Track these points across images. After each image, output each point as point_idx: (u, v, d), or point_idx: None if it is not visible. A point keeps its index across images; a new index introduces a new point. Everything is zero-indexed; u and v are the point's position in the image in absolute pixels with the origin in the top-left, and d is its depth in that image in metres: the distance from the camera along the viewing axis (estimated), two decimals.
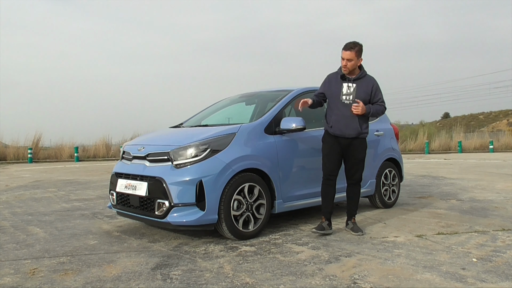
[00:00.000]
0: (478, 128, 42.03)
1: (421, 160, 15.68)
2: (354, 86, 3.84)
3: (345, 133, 3.82)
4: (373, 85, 3.89)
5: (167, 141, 3.94)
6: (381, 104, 3.90)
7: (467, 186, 7.29)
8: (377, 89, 3.91)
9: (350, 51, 3.74)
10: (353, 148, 3.86)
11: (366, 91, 3.84)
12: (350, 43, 3.78)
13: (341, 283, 2.61)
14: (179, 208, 3.50)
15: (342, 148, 3.88)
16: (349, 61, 3.75)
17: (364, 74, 3.91)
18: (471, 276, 2.69)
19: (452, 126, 29.96)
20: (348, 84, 3.86)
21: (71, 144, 18.93)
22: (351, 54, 3.74)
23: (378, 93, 3.91)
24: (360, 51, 3.79)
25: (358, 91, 3.83)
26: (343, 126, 3.81)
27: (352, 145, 3.86)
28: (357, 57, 3.77)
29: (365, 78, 3.89)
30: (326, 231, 3.83)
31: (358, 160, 3.90)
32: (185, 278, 2.74)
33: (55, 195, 6.86)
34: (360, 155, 3.90)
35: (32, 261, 3.18)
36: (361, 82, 3.86)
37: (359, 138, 3.87)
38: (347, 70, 3.80)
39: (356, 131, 3.81)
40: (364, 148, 3.92)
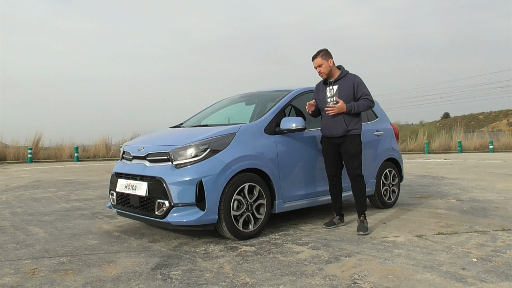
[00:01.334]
0: (478, 128, 42.04)
1: (421, 160, 15.68)
2: (336, 88, 3.98)
3: (333, 133, 3.96)
4: (354, 82, 3.95)
5: (167, 141, 3.94)
6: (365, 98, 3.93)
7: (467, 186, 7.29)
8: (359, 84, 3.96)
9: (316, 59, 3.97)
10: (345, 145, 3.96)
11: (347, 89, 3.93)
12: (314, 53, 4.00)
13: (341, 283, 2.61)
14: (179, 208, 3.50)
15: (336, 147, 4.00)
16: (319, 66, 3.97)
17: (345, 74, 4.01)
18: (471, 276, 2.69)
19: (452, 126, 29.97)
20: (330, 87, 4.02)
21: (71, 144, 18.94)
22: (318, 60, 3.96)
23: (361, 88, 3.95)
24: (326, 54, 3.97)
25: (340, 91, 3.96)
26: (331, 127, 3.97)
27: (344, 142, 3.96)
28: (326, 60, 3.95)
29: (346, 77, 3.99)
30: (337, 226, 4.14)
31: (350, 156, 3.95)
32: (185, 278, 2.74)
33: (55, 195, 6.86)
34: (352, 150, 3.94)
35: (32, 261, 3.18)
36: (342, 82, 3.98)
37: (350, 135, 3.94)
38: (324, 75, 4.00)
39: (342, 130, 3.91)
40: (356, 144, 3.95)
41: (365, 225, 3.92)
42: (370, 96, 3.97)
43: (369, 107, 3.98)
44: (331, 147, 4.04)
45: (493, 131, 39.58)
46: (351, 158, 3.96)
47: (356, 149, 3.96)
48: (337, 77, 4.00)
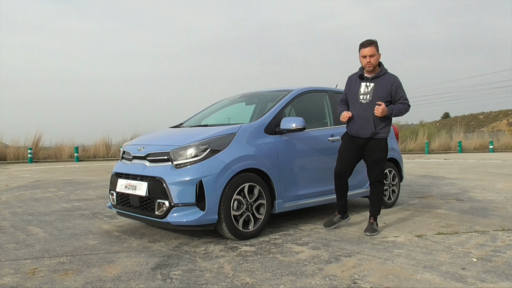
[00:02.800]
0: (478, 128, 42.05)
1: (421, 160, 15.68)
2: (372, 85, 3.78)
3: (359, 133, 3.82)
4: (393, 83, 3.76)
5: (167, 141, 3.94)
6: (404, 103, 3.77)
7: (467, 186, 7.29)
8: (398, 87, 3.78)
9: (370, 47, 3.71)
10: (369, 148, 3.82)
11: (385, 90, 3.74)
12: (367, 40, 3.76)
13: (341, 283, 2.61)
14: (179, 208, 3.50)
15: (359, 148, 3.86)
16: (371, 56, 3.72)
17: (384, 72, 3.81)
18: (471, 276, 2.69)
19: (452, 126, 29.96)
20: (366, 83, 3.81)
21: (71, 144, 18.94)
22: (372, 49, 3.71)
23: (400, 91, 3.77)
24: (378, 46, 3.76)
25: (376, 90, 3.76)
26: (358, 127, 3.82)
27: (369, 145, 3.82)
28: (377, 51, 3.74)
29: (384, 76, 3.80)
30: (337, 224, 4.03)
31: (374, 161, 3.83)
32: (185, 278, 2.74)
33: (55, 195, 6.86)
34: (376, 155, 3.81)
35: (32, 261, 3.18)
36: (380, 80, 3.78)
37: (376, 138, 3.79)
38: (372, 66, 3.75)
39: (370, 132, 3.77)
40: (381, 149, 3.82)
41: (373, 227, 3.84)
42: (408, 101, 3.81)
43: (406, 112, 3.82)
44: (354, 146, 3.87)
45: (493, 131, 39.59)
46: (374, 163, 3.84)
47: (381, 154, 3.83)
48: (376, 74, 3.79)
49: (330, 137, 4.53)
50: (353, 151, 3.89)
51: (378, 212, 3.93)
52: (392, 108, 3.74)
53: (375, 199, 3.92)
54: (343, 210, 4.05)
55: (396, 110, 3.75)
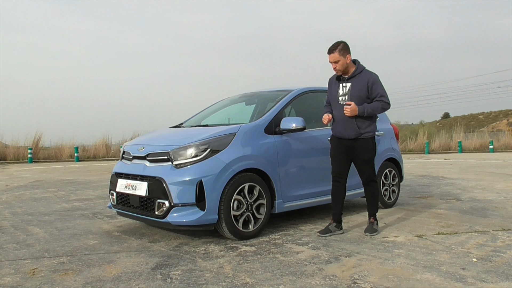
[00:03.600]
0: (478, 128, 42.02)
1: (421, 160, 15.68)
2: (349, 86, 3.75)
3: (344, 135, 3.78)
4: (369, 80, 3.69)
5: (167, 141, 3.94)
6: (379, 100, 3.68)
7: (467, 186, 7.29)
8: (375, 83, 3.68)
9: (333, 53, 3.70)
10: (356, 149, 3.77)
11: (361, 89, 3.69)
12: (332, 45, 3.73)
13: (341, 283, 2.61)
14: (179, 208, 3.50)
15: (347, 149, 3.81)
16: (335, 63, 3.71)
17: (360, 70, 3.75)
18: (471, 276, 2.69)
19: (452, 126, 29.96)
20: (343, 84, 3.80)
21: (71, 144, 18.93)
22: (335, 56, 3.69)
23: (376, 88, 3.68)
24: (344, 49, 3.70)
25: (352, 90, 3.72)
26: (341, 128, 3.78)
27: (355, 146, 3.77)
28: (343, 55, 3.68)
29: (360, 74, 3.74)
30: (332, 233, 3.84)
31: (363, 161, 3.80)
32: (185, 278, 2.74)
33: (55, 195, 6.86)
34: (364, 156, 3.77)
35: (32, 261, 3.18)
36: (356, 79, 3.73)
37: (362, 138, 3.74)
38: (339, 72, 3.76)
39: (354, 132, 3.72)
40: (369, 149, 3.78)
41: (373, 227, 3.82)
42: (386, 97, 3.70)
43: (384, 110, 3.73)
44: (342, 148, 3.82)
45: (493, 131, 39.57)
46: (364, 163, 3.80)
47: (369, 154, 3.78)
48: (351, 74, 3.75)
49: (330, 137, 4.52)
50: (343, 153, 3.83)
51: (376, 209, 3.94)
52: (364, 107, 3.65)
53: (372, 199, 3.91)
54: (338, 219, 3.90)
55: (369, 108, 3.65)
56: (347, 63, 3.72)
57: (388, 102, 3.72)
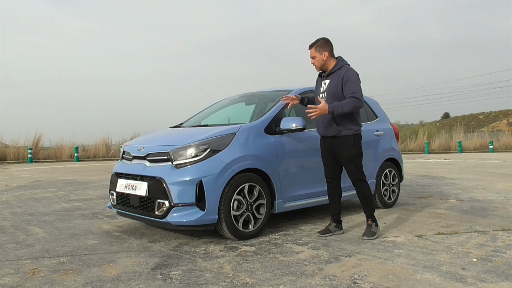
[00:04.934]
0: (478, 128, 42.04)
1: (421, 160, 15.68)
2: (327, 82, 3.72)
3: (325, 132, 3.76)
4: (343, 76, 3.58)
5: (167, 141, 3.94)
6: (350, 97, 3.51)
7: (467, 186, 7.29)
8: (348, 79, 3.55)
9: (310, 49, 3.73)
10: (338, 147, 3.68)
11: (336, 85, 3.62)
12: (312, 41, 3.74)
13: (341, 283, 2.61)
14: (179, 208, 3.50)
15: (331, 148, 3.75)
16: (313, 58, 3.73)
17: (339, 67, 3.67)
18: (471, 276, 2.69)
19: (452, 126, 29.97)
20: (323, 81, 3.78)
21: (71, 144, 18.92)
22: (312, 52, 3.72)
23: (349, 84, 3.55)
24: (322, 45, 3.67)
25: (329, 87, 3.67)
26: (321, 125, 3.77)
27: (337, 144, 3.68)
28: (319, 52, 3.66)
29: (338, 71, 3.66)
30: (332, 234, 3.83)
31: (346, 160, 3.68)
32: (185, 278, 2.74)
33: (55, 195, 6.86)
34: (346, 153, 3.65)
35: (32, 261, 3.18)
36: (333, 76, 3.67)
37: (342, 136, 3.65)
38: (317, 68, 3.78)
39: (334, 129, 3.65)
40: (350, 146, 3.64)
41: (372, 230, 3.69)
42: (358, 94, 3.52)
43: (356, 107, 3.53)
44: (327, 148, 3.78)
45: (493, 131, 39.55)
46: (347, 161, 3.69)
47: (351, 152, 3.65)
48: (329, 71, 3.70)
49: None
50: (329, 153, 3.78)
51: (372, 210, 3.77)
52: (335, 105, 3.49)
53: (364, 199, 3.75)
54: (337, 219, 3.89)
55: (340, 106, 3.49)
56: (323, 59, 3.69)
57: (360, 98, 3.53)
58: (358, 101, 3.53)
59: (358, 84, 3.61)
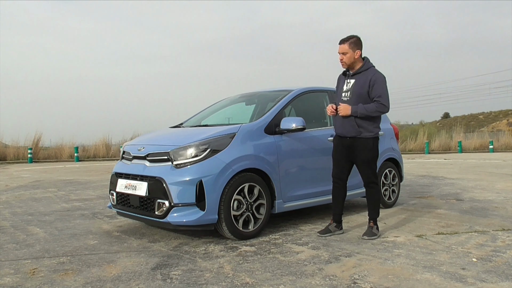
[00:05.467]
0: (478, 128, 42.03)
1: (421, 160, 15.68)
2: (352, 82, 3.67)
3: (343, 132, 3.70)
4: (371, 79, 3.57)
5: (167, 141, 3.94)
6: (376, 101, 3.54)
7: (467, 186, 7.29)
8: (376, 82, 3.55)
9: (343, 44, 3.63)
10: (355, 149, 3.67)
11: (362, 86, 3.59)
12: (345, 37, 3.67)
13: (341, 283, 2.61)
14: (179, 208, 3.50)
15: (347, 149, 3.72)
16: (344, 54, 3.63)
17: (367, 68, 3.65)
18: (471, 276, 2.69)
19: (452, 126, 29.96)
20: (347, 80, 3.73)
21: (71, 144, 18.93)
22: (344, 47, 3.62)
23: (377, 88, 3.55)
24: (356, 43, 3.63)
25: (355, 87, 3.62)
26: (340, 125, 3.71)
27: (354, 145, 3.67)
28: (352, 49, 3.61)
29: (365, 72, 3.63)
30: (332, 234, 3.83)
31: (362, 162, 3.68)
32: (185, 278, 2.74)
33: (55, 195, 6.86)
34: (363, 156, 3.65)
35: (32, 261, 3.18)
36: (360, 76, 3.64)
37: (361, 138, 3.63)
38: (345, 65, 3.68)
39: (354, 130, 3.62)
40: (368, 149, 3.64)
41: (373, 231, 3.70)
42: (384, 98, 3.54)
43: (380, 112, 3.57)
44: (342, 148, 3.73)
45: (493, 131, 39.55)
46: (363, 164, 3.68)
47: (369, 155, 3.64)
48: (356, 70, 3.66)
49: (330, 137, 4.52)
50: (343, 153, 3.75)
51: (377, 214, 3.79)
52: (358, 107, 3.54)
53: (373, 202, 3.77)
54: (338, 219, 3.87)
55: (363, 109, 3.53)
56: (355, 58, 3.64)
57: (386, 104, 3.57)
58: (383, 106, 3.55)
59: (385, 88, 3.60)
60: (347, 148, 3.73)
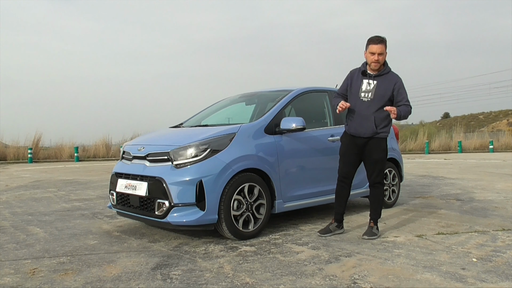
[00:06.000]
0: (478, 128, 42.02)
1: (421, 160, 15.68)
2: (375, 83, 3.65)
3: (360, 132, 3.69)
4: (396, 83, 3.64)
5: (167, 141, 3.94)
6: (406, 104, 3.64)
7: (467, 186, 7.29)
8: (401, 87, 3.65)
9: (381, 44, 3.58)
10: (369, 148, 3.69)
11: (387, 89, 3.63)
12: (378, 37, 3.61)
13: (341, 283, 2.61)
14: (179, 208, 3.50)
15: (359, 149, 3.74)
16: (380, 55, 3.58)
17: (388, 70, 3.70)
18: (471, 276, 2.69)
19: (452, 126, 29.95)
20: (368, 80, 3.69)
21: (71, 144, 18.93)
22: (382, 47, 3.58)
23: (402, 92, 3.64)
24: (387, 45, 3.66)
25: (378, 89, 3.63)
26: (358, 125, 3.69)
27: (368, 145, 3.69)
28: (386, 50, 3.64)
29: (388, 75, 3.68)
30: (333, 233, 3.83)
31: (374, 161, 3.71)
32: (185, 278, 2.74)
33: (55, 195, 6.86)
34: (376, 156, 3.69)
35: (32, 261, 3.18)
36: (383, 79, 3.66)
37: (376, 138, 3.67)
38: (379, 65, 3.63)
39: (371, 131, 3.64)
40: (382, 149, 3.70)
41: (373, 231, 3.71)
42: (410, 103, 3.66)
43: (409, 114, 3.67)
44: (354, 147, 3.74)
45: (493, 131, 39.57)
46: (374, 163, 3.71)
47: (381, 155, 3.71)
48: (379, 72, 3.67)
49: (330, 137, 4.53)
50: (354, 152, 3.76)
51: (378, 215, 3.80)
52: (400, 110, 3.59)
53: (376, 202, 3.80)
54: (340, 219, 3.89)
55: (402, 112, 3.60)
56: (385, 59, 3.68)
57: (412, 108, 3.70)
58: (411, 109, 3.69)
59: (406, 92, 3.71)
60: (359, 147, 3.74)
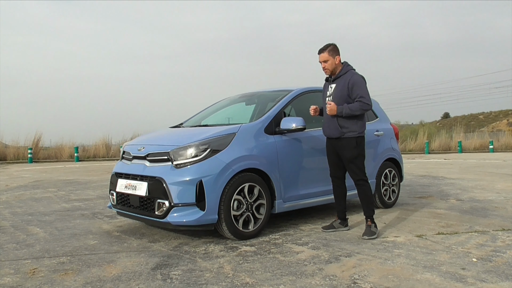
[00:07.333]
0: (478, 128, 42.05)
1: (421, 160, 15.68)
2: (334, 86, 3.87)
3: (329, 134, 3.90)
4: (349, 81, 3.74)
5: (167, 141, 3.94)
6: (359, 100, 3.69)
7: (467, 186, 7.29)
8: (355, 84, 3.72)
9: (323, 53, 3.83)
10: (340, 148, 3.83)
11: (342, 89, 3.77)
12: (322, 46, 3.86)
13: (341, 283, 2.61)
14: (179, 208, 3.50)
15: (334, 149, 3.91)
16: (325, 62, 3.83)
17: (345, 71, 3.82)
18: (471, 276, 2.69)
19: (452, 126, 29.97)
20: (330, 85, 3.93)
21: (71, 144, 18.93)
22: (324, 55, 3.82)
23: (356, 89, 3.72)
24: (334, 50, 3.83)
25: (335, 90, 3.82)
26: (327, 127, 3.91)
27: (339, 145, 3.83)
28: (332, 56, 3.81)
29: (345, 75, 3.81)
30: (336, 230, 3.97)
31: (347, 160, 3.81)
32: (185, 278, 2.74)
33: (55, 195, 6.86)
34: (347, 154, 3.78)
35: (32, 261, 3.18)
36: (340, 80, 3.83)
37: (345, 138, 3.78)
38: (328, 71, 3.88)
39: (337, 132, 3.79)
40: (351, 147, 3.77)
41: (371, 230, 3.73)
42: (366, 98, 3.71)
43: (363, 110, 3.73)
44: (331, 148, 3.93)
45: (493, 131, 39.58)
46: (348, 162, 3.82)
47: (352, 153, 3.77)
48: (336, 75, 3.86)
49: None
50: (333, 153, 3.94)
51: (372, 212, 3.83)
52: (343, 107, 3.71)
53: (365, 199, 3.84)
54: (343, 216, 4.02)
55: (347, 108, 3.70)
56: (336, 63, 3.84)
57: (368, 103, 3.72)
58: (366, 104, 3.71)
59: (365, 88, 3.78)
60: (334, 148, 3.91)
